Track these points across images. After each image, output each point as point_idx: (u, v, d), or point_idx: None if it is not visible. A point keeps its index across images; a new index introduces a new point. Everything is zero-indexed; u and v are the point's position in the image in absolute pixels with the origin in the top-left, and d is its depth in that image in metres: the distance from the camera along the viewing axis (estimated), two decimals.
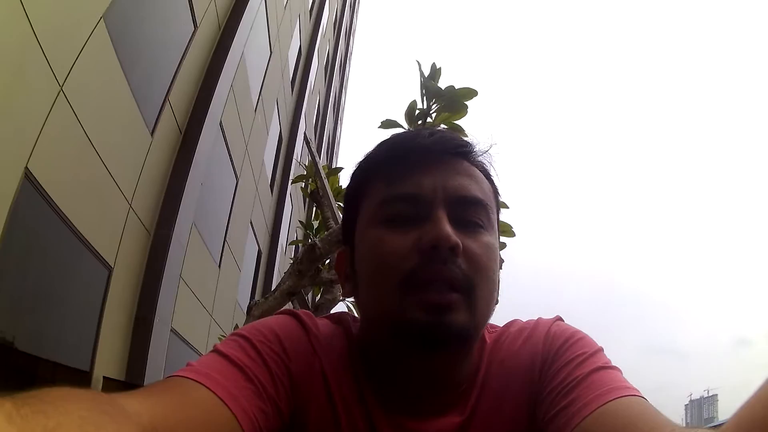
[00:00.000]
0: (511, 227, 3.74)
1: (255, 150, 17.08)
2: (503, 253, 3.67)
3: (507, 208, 3.37)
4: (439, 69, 3.67)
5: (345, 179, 5.10)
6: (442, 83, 3.66)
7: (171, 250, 10.18)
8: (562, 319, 1.26)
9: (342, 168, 5.19)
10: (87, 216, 7.58)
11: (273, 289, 4.04)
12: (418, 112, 3.69)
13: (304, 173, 5.09)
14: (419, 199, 1.10)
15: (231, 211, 15.18)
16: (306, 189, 5.01)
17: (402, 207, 1.11)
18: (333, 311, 3.20)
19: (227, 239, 15.14)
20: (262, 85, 16.89)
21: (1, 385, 5.60)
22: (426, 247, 1.04)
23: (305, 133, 22.63)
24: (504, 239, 3.67)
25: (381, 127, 3.69)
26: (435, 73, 3.66)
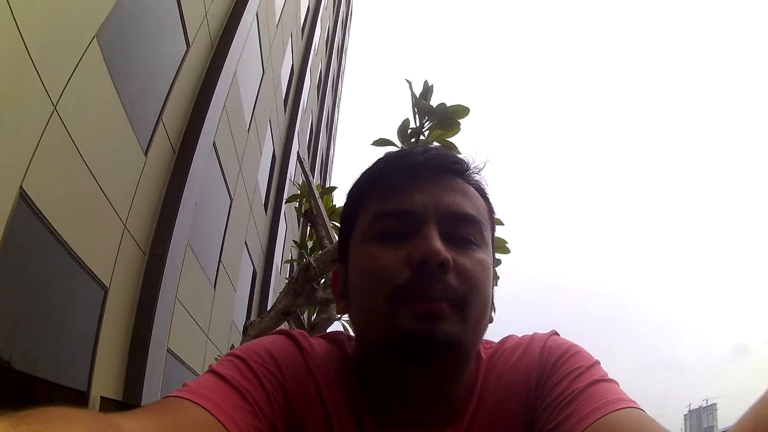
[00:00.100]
0: (506, 243, 3.74)
1: (249, 170, 17.08)
2: (498, 270, 3.67)
3: (502, 224, 3.37)
4: (431, 87, 3.67)
5: (339, 198, 5.09)
6: (434, 100, 3.66)
7: (166, 270, 10.14)
8: (557, 334, 1.25)
9: (336, 187, 5.19)
10: (82, 236, 7.56)
11: (268, 309, 4.03)
12: (410, 130, 3.69)
13: (297, 193, 5.09)
14: (411, 215, 1.10)
15: (225, 231, 15.15)
16: (300, 208, 5.01)
17: (394, 223, 1.11)
18: (329, 331, 3.19)
19: (222, 259, 15.10)
20: (254, 105, 16.89)
21: None
22: (416, 263, 1.04)
23: (298, 153, 22.62)
24: (499, 256, 3.66)
25: (374, 145, 3.70)
26: (427, 91, 3.67)
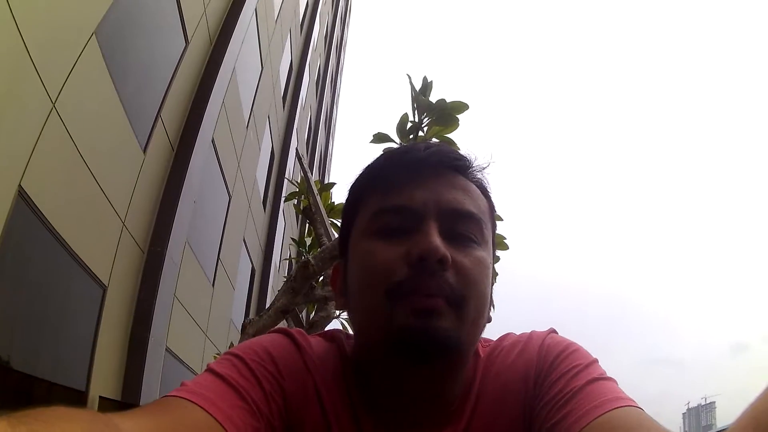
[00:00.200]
0: (505, 239, 3.74)
1: (247, 167, 17.09)
2: (497, 266, 3.67)
3: (501, 220, 3.36)
4: (431, 83, 3.67)
5: (337, 195, 5.08)
6: (433, 97, 3.66)
7: (165, 268, 10.15)
8: (556, 332, 1.25)
9: (334, 183, 5.18)
10: (81, 234, 7.56)
11: (267, 307, 4.02)
12: (409, 125, 3.69)
13: (296, 190, 5.08)
14: (411, 211, 1.10)
15: (224, 229, 15.16)
16: (298, 206, 5.00)
17: (393, 219, 1.11)
18: (327, 328, 3.19)
19: (221, 257, 15.11)
20: (253, 101, 16.90)
21: None
22: (414, 259, 1.04)
23: (297, 149, 22.59)
24: (498, 252, 3.67)
25: (373, 142, 3.70)
26: (426, 87, 3.67)
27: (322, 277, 4.23)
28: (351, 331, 1.30)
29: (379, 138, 3.71)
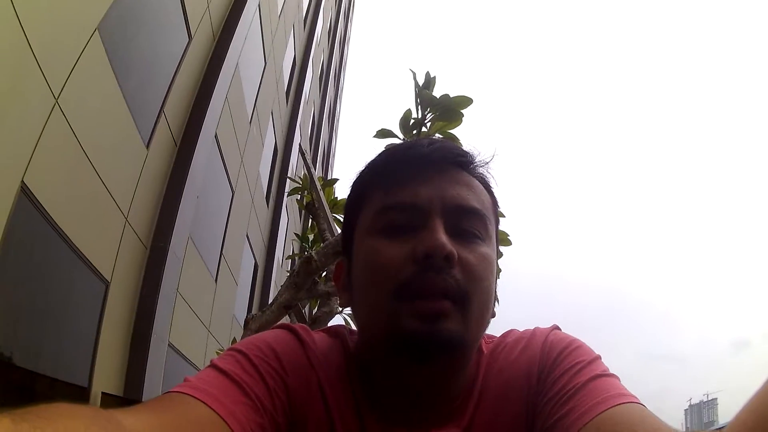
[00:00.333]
0: (508, 236, 3.73)
1: (250, 162, 17.08)
2: (500, 262, 3.67)
3: (504, 216, 3.36)
4: (434, 78, 3.67)
5: (340, 191, 5.08)
6: (436, 92, 3.66)
7: (167, 263, 10.14)
8: (559, 328, 1.25)
9: (337, 179, 5.18)
10: (83, 230, 7.56)
11: (270, 303, 4.02)
12: (413, 121, 3.68)
13: (299, 185, 5.08)
14: (416, 209, 1.10)
15: (227, 224, 15.14)
16: (301, 201, 5.00)
17: (398, 216, 1.11)
18: (330, 324, 3.20)
19: (224, 252, 15.11)
20: (256, 97, 16.88)
21: (0, 401, 5.58)
22: (420, 256, 1.04)
23: (300, 145, 22.60)
24: (500, 248, 3.66)
25: (376, 137, 3.69)
26: (429, 82, 3.66)
27: (324, 273, 4.23)
28: (354, 327, 1.30)
29: (383, 134, 3.70)
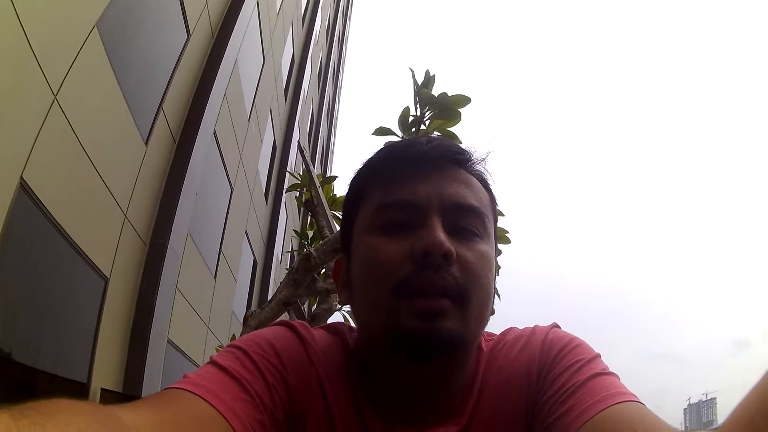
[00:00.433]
0: (507, 233, 3.74)
1: (249, 159, 17.07)
2: (499, 260, 3.67)
3: (502, 215, 3.36)
4: (433, 76, 3.67)
5: (339, 188, 5.08)
6: (435, 90, 3.66)
7: (167, 260, 10.14)
8: (558, 326, 1.25)
9: (336, 176, 5.19)
10: (82, 226, 7.56)
11: (269, 300, 4.03)
12: (411, 119, 3.69)
13: (298, 182, 5.08)
14: (414, 207, 1.10)
15: (226, 221, 15.13)
16: (300, 198, 5.00)
17: (397, 214, 1.11)
18: (329, 321, 3.19)
19: (222, 249, 15.10)
20: (255, 94, 16.87)
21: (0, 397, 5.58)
22: (418, 254, 1.04)
23: (299, 142, 22.59)
24: (500, 246, 3.66)
25: (375, 135, 3.70)
26: (428, 81, 3.66)
27: (323, 270, 4.23)
28: (353, 324, 1.30)
29: (381, 131, 3.71)
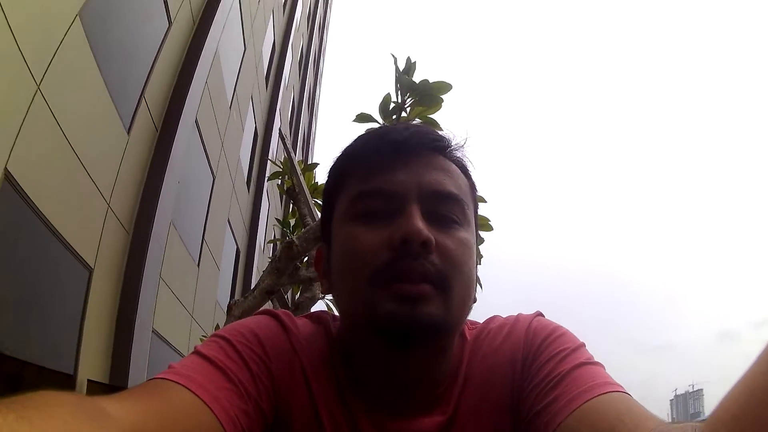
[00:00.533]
0: (489, 221, 3.74)
1: (231, 147, 17.01)
2: (481, 248, 3.68)
3: (485, 202, 3.37)
4: (414, 63, 3.67)
5: (321, 175, 5.08)
6: (417, 77, 3.66)
7: (150, 249, 10.12)
8: (542, 315, 1.25)
9: (317, 164, 5.19)
10: (66, 217, 7.55)
11: (252, 288, 4.03)
12: (392, 106, 3.69)
13: (279, 170, 5.08)
14: (392, 195, 1.09)
15: (208, 210, 15.09)
16: (282, 186, 4.99)
17: (375, 202, 1.11)
18: (313, 310, 3.19)
19: (205, 238, 15.06)
20: (236, 82, 16.82)
21: None
22: (397, 243, 1.04)
23: (280, 129, 22.53)
24: (482, 234, 3.67)
25: (355, 122, 3.70)
26: (410, 67, 3.67)
27: (306, 258, 4.23)
28: (337, 313, 1.30)
29: (362, 118, 3.71)
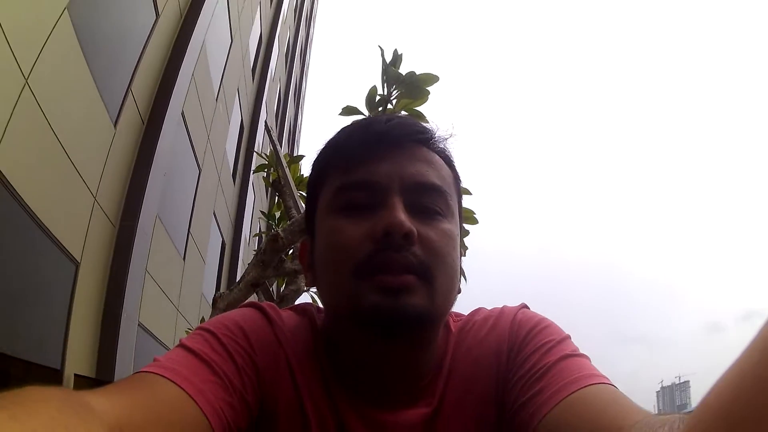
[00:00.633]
0: (474, 213, 3.74)
1: (217, 139, 16.98)
2: (466, 241, 3.68)
3: (470, 194, 3.37)
4: (401, 55, 3.67)
5: (306, 167, 5.07)
6: (403, 69, 3.66)
7: (136, 242, 10.11)
8: (527, 307, 1.25)
9: (303, 156, 5.18)
10: (53, 210, 7.53)
11: (237, 281, 4.02)
12: (378, 98, 3.68)
13: (265, 162, 5.07)
14: (375, 187, 1.09)
15: (194, 202, 15.08)
16: (268, 178, 4.99)
17: (357, 194, 1.10)
18: (297, 302, 3.19)
19: (191, 231, 15.05)
20: (223, 74, 16.81)
21: None
22: (379, 235, 1.04)
23: (266, 122, 22.50)
24: (467, 226, 3.67)
25: (341, 114, 3.69)
26: (396, 59, 3.66)
27: (291, 250, 4.23)
28: (321, 305, 1.30)
29: (348, 110, 3.70)
